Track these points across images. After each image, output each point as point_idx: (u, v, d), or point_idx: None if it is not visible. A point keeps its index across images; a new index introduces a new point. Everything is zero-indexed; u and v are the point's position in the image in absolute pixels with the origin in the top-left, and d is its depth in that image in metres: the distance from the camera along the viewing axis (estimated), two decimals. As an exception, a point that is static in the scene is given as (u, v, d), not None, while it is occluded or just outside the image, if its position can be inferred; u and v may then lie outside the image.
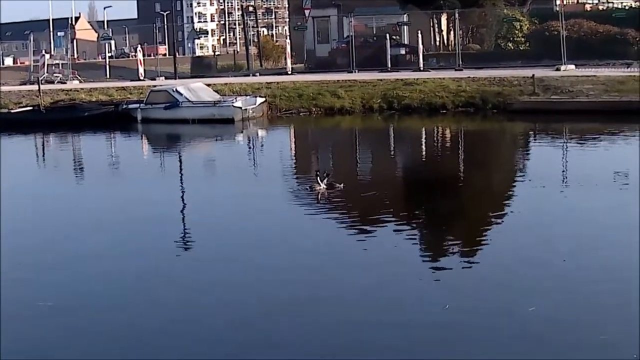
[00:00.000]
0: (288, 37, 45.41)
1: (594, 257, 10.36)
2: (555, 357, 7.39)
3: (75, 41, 62.78)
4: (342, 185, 15.00)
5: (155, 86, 31.90)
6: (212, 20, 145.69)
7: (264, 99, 29.42)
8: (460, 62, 35.60)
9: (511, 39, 42.08)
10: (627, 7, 49.04)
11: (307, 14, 46.37)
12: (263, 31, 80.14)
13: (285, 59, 41.75)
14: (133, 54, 56.33)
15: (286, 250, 11.35)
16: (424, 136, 25.76)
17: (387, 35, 37.46)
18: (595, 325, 8.00)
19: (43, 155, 25.19)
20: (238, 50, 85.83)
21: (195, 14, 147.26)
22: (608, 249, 10.70)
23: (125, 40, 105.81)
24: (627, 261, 9.85)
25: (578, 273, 9.76)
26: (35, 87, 32.08)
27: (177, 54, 48.51)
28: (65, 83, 38.18)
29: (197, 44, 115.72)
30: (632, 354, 7.27)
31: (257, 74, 40.21)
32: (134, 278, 10.34)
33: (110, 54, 54.00)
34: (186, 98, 28.21)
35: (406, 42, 41.64)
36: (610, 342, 7.56)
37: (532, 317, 8.21)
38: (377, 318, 8.45)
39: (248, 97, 29.22)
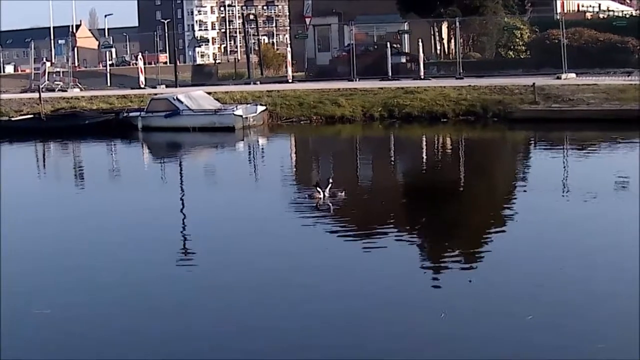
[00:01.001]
0: (289, 45, 45.50)
1: (594, 265, 10.33)
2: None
3: (76, 49, 62.84)
4: (343, 192, 14.98)
5: (156, 94, 31.95)
6: (213, 29, 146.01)
7: (264, 107, 29.44)
8: (461, 71, 35.62)
9: (512, 47, 42.13)
10: (627, 16, 49.07)
11: (307, 22, 46.46)
12: (264, 39, 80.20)
13: (286, 67, 41.81)
14: (134, 61, 56.46)
15: (285, 258, 11.31)
16: (424, 145, 25.75)
17: (388, 43, 37.47)
18: (594, 334, 7.98)
19: (43, 163, 25.19)
20: (239, 58, 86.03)
21: (196, 22, 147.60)
22: (608, 256, 10.67)
23: (126, 48, 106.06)
24: (626, 267, 9.83)
25: (577, 280, 9.73)
26: (36, 95, 32.09)
27: (177, 62, 48.56)
28: (66, 91, 38.20)
29: (198, 52, 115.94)
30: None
31: (258, 82, 40.23)
32: (132, 285, 10.30)
33: (111, 62, 54.09)
34: (187, 106, 28.23)
35: (407, 50, 41.67)
36: (607, 350, 7.55)
37: (530, 325, 8.19)
38: (375, 324, 8.43)
39: (249, 105, 29.24)
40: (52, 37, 78.19)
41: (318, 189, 14.76)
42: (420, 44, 35.97)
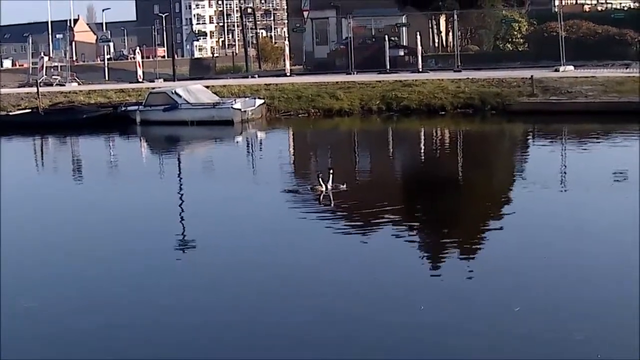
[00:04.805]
0: (287, 39, 45.44)
1: (591, 258, 10.35)
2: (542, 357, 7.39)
3: (74, 43, 62.86)
4: (344, 185, 14.99)
5: (154, 88, 31.94)
6: (210, 22, 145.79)
7: (262, 101, 29.44)
8: (459, 63, 35.59)
9: (510, 40, 42.14)
10: (625, 8, 49.15)
11: (305, 16, 46.41)
12: (262, 33, 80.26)
13: (284, 60, 41.78)
14: (132, 56, 56.29)
15: (286, 251, 11.33)
16: (422, 137, 25.76)
17: (386, 36, 37.46)
18: (589, 329, 7.99)
19: (42, 158, 25.17)
20: (237, 52, 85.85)
21: (194, 15, 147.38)
22: (606, 250, 10.68)
23: (124, 42, 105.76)
24: (624, 262, 9.84)
25: (573, 274, 9.74)
26: (33, 89, 32.10)
27: (175, 55, 48.50)
28: (64, 85, 38.17)
29: (196, 46, 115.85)
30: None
31: (256, 75, 40.22)
32: (130, 280, 10.30)
33: (108, 56, 54.08)
34: (185, 100, 28.23)
35: (405, 43, 41.64)
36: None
37: (522, 318, 8.19)
38: (372, 317, 8.43)
39: (247, 98, 29.24)
40: (50, 32, 77.97)
41: (320, 181, 14.78)
42: (418, 36, 35.95)
